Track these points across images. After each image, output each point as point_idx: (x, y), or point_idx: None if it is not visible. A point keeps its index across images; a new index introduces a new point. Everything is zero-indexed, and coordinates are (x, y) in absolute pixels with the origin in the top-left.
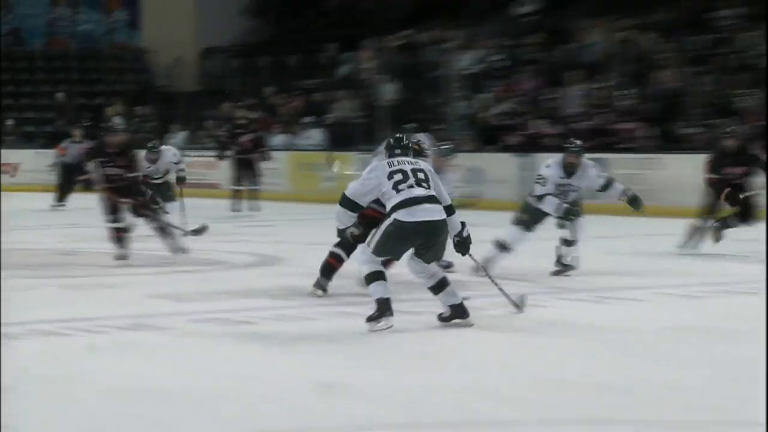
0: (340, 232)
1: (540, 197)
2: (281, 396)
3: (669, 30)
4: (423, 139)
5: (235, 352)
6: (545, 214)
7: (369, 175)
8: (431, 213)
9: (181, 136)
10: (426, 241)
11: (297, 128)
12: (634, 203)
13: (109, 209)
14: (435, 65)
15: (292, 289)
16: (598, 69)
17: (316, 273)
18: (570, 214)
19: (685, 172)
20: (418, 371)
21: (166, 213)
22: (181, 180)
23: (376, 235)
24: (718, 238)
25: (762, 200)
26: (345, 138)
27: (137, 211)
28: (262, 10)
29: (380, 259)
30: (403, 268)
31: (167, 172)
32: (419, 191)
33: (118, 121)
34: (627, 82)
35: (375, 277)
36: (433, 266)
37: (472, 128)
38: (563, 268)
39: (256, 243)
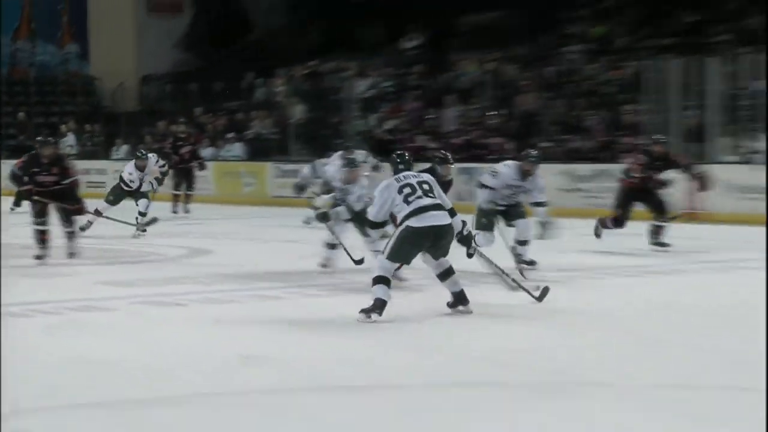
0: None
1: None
2: (207, 365)
3: (528, 62)
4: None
5: (169, 329)
6: (497, 212)
7: (382, 194)
8: (438, 218)
9: (123, 149)
10: (435, 242)
11: (221, 142)
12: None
13: (36, 213)
14: (336, 90)
15: (218, 276)
16: (470, 94)
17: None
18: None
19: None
20: (328, 344)
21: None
22: (160, 181)
23: (390, 242)
24: (599, 235)
25: (672, 199)
26: (261, 151)
27: (68, 214)
28: (192, 44)
29: (394, 267)
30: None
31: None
32: (426, 201)
33: (70, 138)
34: (494, 105)
35: (382, 281)
36: (444, 265)
37: (367, 143)
38: (526, 264)
39: (189, 238)
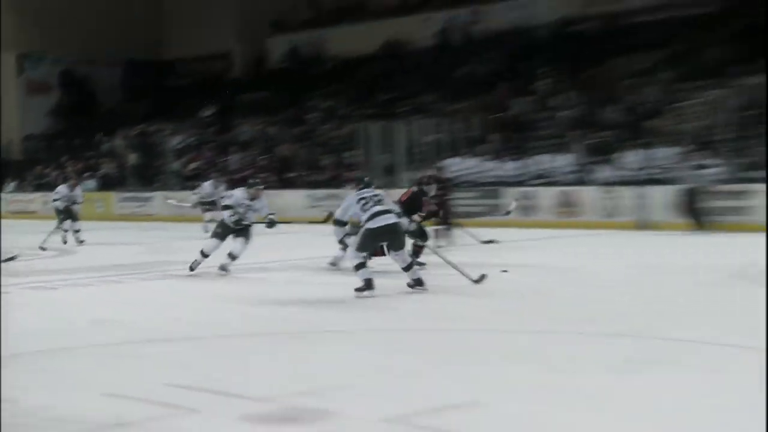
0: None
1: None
2: (66, 327)
3: (284, 124)
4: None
5: (45, 305)
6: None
7: (345, 204)
8: (387, 219)
9: (12, 185)
10: (389, 237)
11: (81, 180)
12: (272, 225)
13: None
14: (160, 144)
15: (85, 267)
16: (247, 145)
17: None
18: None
19: (293, 202)
20: (159, 310)
21: (77, 230)
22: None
23: (357, 239)
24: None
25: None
26: (109, 185)
27: None
28: (59, 113)
29: (362, 255)
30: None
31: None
32: (378, 207)
33: None
34: (262, 152)
35: (360, 266)
36: (405, 256)
37: (181, 178)
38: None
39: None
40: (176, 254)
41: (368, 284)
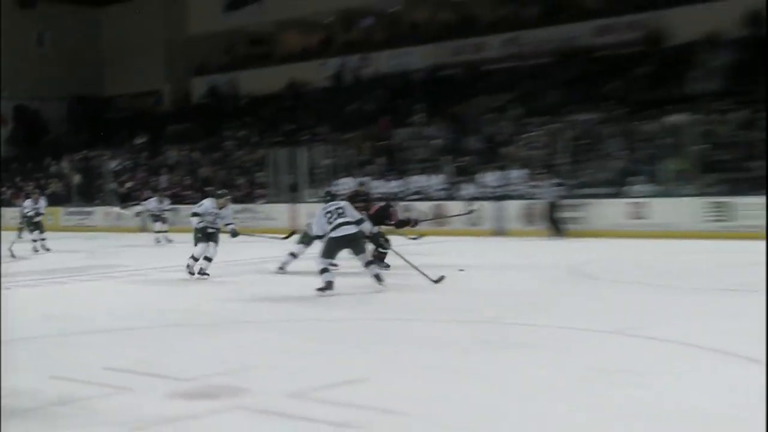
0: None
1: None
2: (21, 321)
3: (204, 150)
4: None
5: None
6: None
7: (317, 218)
8: (348, 229)
9: None
10: (351, 244)
11: (42, 194)
12: (234, 235)
13: None
14: (99, 166)
15: (36, 270)
16: (175, 167)
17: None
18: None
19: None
20: (113, 305)
21: (43, 239)
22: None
23: (323, 247)
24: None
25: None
26: (56, 201)
27: None
28: (13, 141)
29: (327, 261)
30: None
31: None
32: (340, 220)
33: None
34: (186, 174)
35: (324, 270)
36: (366, 258)
37: (118, 195)
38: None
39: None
40: (113, 259)
41: (329, 285)
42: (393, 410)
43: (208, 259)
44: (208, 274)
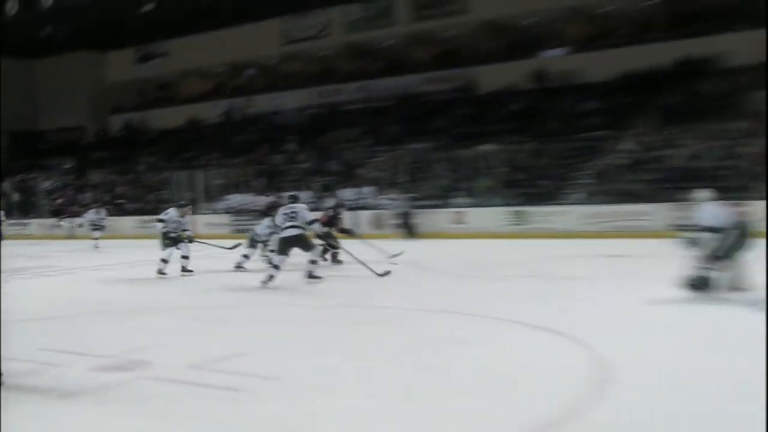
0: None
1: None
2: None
3: (125, 171)
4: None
5: None
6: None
7: (277, 215)
8: (293, 231)
9: None
10: (297, 244)
11: None
12: (191, 241)
13: None
14: (35, 187)
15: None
16: (96, 187)
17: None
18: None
19: (126, 224)
20: (46, 297)
21: None
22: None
23: (277, 245)
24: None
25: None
26: (24, 212)
27: None
28: None
29: (282, 257)
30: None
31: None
32: (288, 223)
33: None
34: (107, 191)
35: (275, 267)
36: (313, 257)
37: (50, 210)
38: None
39: None
40: (47, 261)
41: (269, 278)
42: (270, 376)
43: (185, 258)
44: (191, 271)
